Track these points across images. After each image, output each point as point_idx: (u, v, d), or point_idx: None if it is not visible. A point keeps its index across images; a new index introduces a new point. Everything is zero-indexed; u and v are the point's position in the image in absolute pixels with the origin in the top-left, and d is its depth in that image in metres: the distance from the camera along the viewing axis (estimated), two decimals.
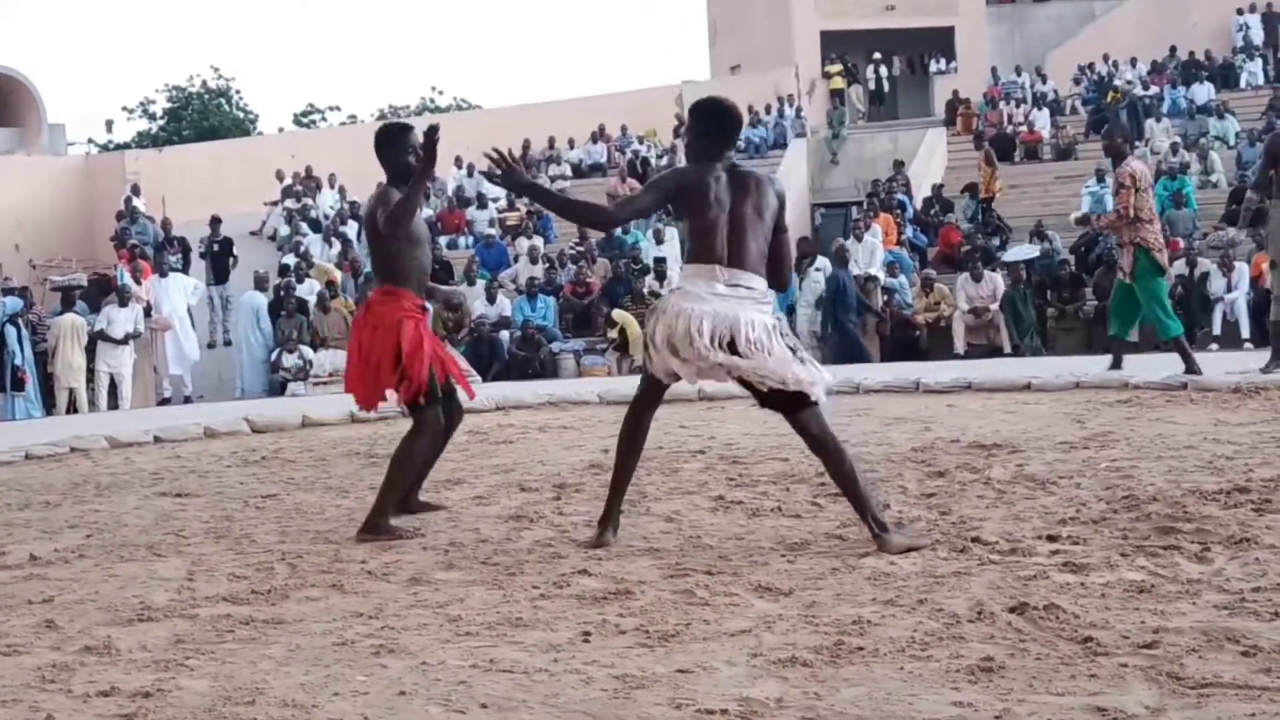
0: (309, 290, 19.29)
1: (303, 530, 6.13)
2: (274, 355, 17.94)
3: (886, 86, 36.13)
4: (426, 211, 25.18)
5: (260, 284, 18.97)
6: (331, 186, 26.96)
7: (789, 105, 30.83)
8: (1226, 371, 10.44)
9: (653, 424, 5.67)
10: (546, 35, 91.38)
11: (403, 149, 6.18)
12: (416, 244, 6.17)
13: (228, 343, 20.45)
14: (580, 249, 20.91)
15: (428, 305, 6.36)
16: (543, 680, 3.61)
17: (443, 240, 23.71)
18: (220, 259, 21.49)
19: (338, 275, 20.39)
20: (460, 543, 5.62)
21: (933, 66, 36.26)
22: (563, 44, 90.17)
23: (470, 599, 4.58)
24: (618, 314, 17.94)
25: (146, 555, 5.70)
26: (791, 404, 5.34)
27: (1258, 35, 31.91)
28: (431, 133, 5.78)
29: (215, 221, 21.78)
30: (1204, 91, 28.10)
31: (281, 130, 45.64)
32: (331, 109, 50.87)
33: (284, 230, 24.38)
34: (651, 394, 5.62)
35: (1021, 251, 18.90)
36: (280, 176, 26.98)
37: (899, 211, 21.42)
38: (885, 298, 18.55)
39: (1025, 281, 17.79)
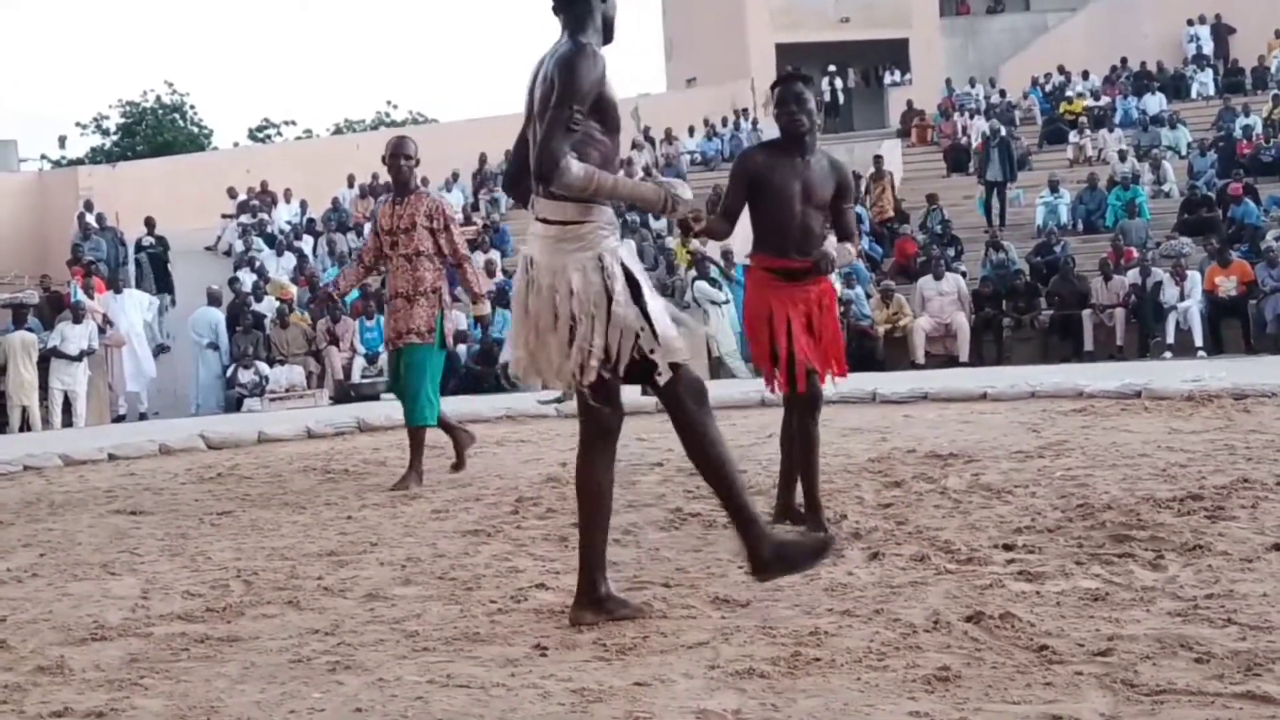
0: (267, 306, 19.16)
1: (258, 547, 6.09)
2: (230, 371, 17.82)
3: (841, 98, 36.28)
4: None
5: (214, 299, 18.81)
6: (288, 201, 26.79)
7: (745, 118, 30.90)
8: (1181, 380, 10.53)
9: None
10: (502, 49, 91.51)
11: None
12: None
13: (166, 349, 20.23)
14: None
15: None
16: (500, 695, 3.60)
17: None
18: (158, 264, 21.21)
19: (293, 291, 20.26)
20: (417, 557, 5.59)
21: (887, 78, 36.48)
22: (519, 58, 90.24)
23: (427, 614, 4.56)
24: None
25: (100, 574, 5.65)
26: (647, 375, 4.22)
27: (1208, 46, 32.25)
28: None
29: (158, 235, 21.55)
30: (1156, 102, 28.34)
31: (236, 145, 45.50)
32: (287, 123, 50.73)
33: (239, 246, 24.20)
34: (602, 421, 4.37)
35: None
36: (232, 193, 26.79)
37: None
38: (842, 309, 18.55)
39: None
